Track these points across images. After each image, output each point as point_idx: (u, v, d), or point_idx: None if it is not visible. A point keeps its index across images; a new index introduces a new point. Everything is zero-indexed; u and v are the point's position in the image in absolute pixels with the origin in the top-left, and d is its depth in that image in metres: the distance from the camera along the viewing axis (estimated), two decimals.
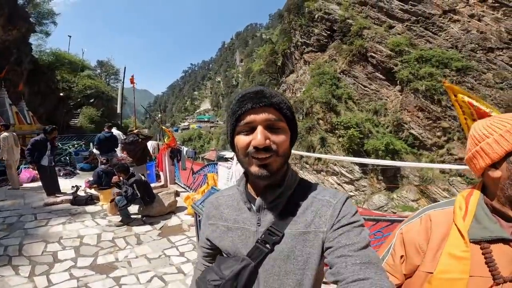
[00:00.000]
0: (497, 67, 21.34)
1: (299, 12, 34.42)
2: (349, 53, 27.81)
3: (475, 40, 22.46)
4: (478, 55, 22.13)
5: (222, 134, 66.39)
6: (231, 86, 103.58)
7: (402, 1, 26.55)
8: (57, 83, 22.08)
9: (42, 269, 3.63)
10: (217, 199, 1.00)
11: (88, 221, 5.34)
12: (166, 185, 7.64)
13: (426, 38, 25.26)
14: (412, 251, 0.95)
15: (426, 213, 0.98)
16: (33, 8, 23.35)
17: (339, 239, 0.76)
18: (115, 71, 34.44)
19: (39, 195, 6.72)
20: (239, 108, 0.80)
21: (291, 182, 0.88)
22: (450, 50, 23.32)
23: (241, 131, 0.81)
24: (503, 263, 0.81)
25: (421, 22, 25.53)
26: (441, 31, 24.58)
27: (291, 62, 36.51)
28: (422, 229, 0.95)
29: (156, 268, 3.76)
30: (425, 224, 0.95)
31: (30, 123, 12.41)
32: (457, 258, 0.84)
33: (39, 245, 4.25)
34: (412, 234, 0.97)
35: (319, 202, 0.84)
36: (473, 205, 0.90)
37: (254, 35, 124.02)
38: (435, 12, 24.67)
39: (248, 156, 0.79)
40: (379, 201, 21.87)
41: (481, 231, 0.85)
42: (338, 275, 0.70)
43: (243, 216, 0.90)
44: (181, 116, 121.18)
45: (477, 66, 21.75)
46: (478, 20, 22.76)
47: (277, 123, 0.79)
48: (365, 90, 27.22)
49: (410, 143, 23.71)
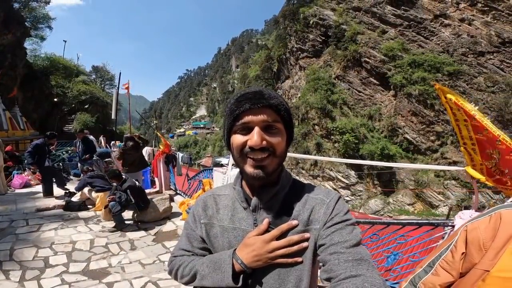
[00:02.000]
0: (488, 71, 21.71)
1: (294, 18, 34.88)
2: (343, 58, 28.14)
3: (466, 44, 22.87)
4: (469, 59, 22.51)
5: (218, 141, 66.33)
6: (227, 92, 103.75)
7: (394, 6, 27.05)
8: (51, 89, 21.97)
9: (33, 274, 3.56)
10: (212, 198, 0.98)
11: (81, 226, 5.26)
12: (161, 191, 7.59)
13: (418, 43, 25.69)
14: (474, 248, 0.93)
15: (497, 212, 0.96)
16: (29, 12, 23.30)
17: (332, 236, 0.77)
18: (111, 76, 34.21)
19: (31, 200, 6.63)
20: (237, 108, 0.80)
21: (285, 181, 0.89)
22: (442, 55, 23.74)
23: (238, 131, 0.81)
24: None
25: (413, 27, 25.99)
26: (433, 35, 25.02)
27: (287, 67, 36.81)
28: (490, 226, 0.94)
29: (150, 273, 3.70)
30: (494, 222, 0.94)
31: (24, 128, 12.31)
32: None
33: (30, 250, 4.18)
34: (478, 232, 0.95)
35: (313, 201, 0.85)
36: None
37: (250, 41, 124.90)
38: (426, 17, 25.14)
39: (243, 156, 0.80)
40: (375, 206, 21.94)
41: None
42: (331, 272, 0.71)
43: (238, 216, 0.89)
44: (177, 123, 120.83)
45: (469, 70, 22.12)
46: (468, 24, 23.22)
47: (274, 124, 0.80)
48: (359, 95, 27.49)
49: (404, 148, 23.94)
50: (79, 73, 27.11)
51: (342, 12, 30.22)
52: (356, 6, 29.69)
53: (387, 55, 25.27)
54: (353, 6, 29.96)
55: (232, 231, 0.88)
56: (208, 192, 1.03)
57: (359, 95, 27.50)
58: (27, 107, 16.72)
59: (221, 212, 0.93)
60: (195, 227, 0.96)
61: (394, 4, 27.08)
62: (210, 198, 0.98)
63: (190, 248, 0.96)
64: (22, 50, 18.46)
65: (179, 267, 0.94)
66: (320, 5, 32.49)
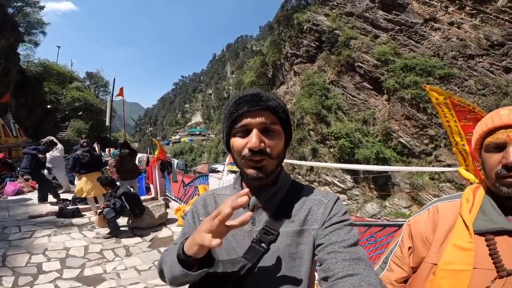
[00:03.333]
0: (478, 74, 22.10)
1: (289, 23, 35.27)
2: (337, 63, 28.45)
3: (456, 47, 23.28)
4: (459, 63, 22.91)
5: (214, 147, 66.16)
6: (222, 99, 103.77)
7: (386, 11, 27.52)
8: (44, 95, 21.80)
9: (26, 280, 3.52)
10: (212, 197, 0.98)
11: (75, 233, 5.19)
12: (156, 198, 7.55)
13: (410, 47, 26.11)
14: (419, 243, 0.95)
15: (434, 205, 0.99)
16: (23, 17, 23.17)
17: (330, 236, 0.78)
18: (105, 83, 33.99)
19: (23, 207, 6.56)
20: (236, 111, 0.81)
21: (284, 182, 0.90)
22: (433, 58, 24.13)
23: (237, 133, 0.82)
24: (508, 256, 0.80)
25: (404, 31, 26.43)
26: (423, 39, 25.46)
27: (281, 73, 37.09)
28: (429, 220, 0.96)
29: (146, 279, 3.66)
30: (432, 215, 0.96)
31: (17, 135, 12.18)
32: (461, 249, 0.84)
33: (23, 256, 4.12)
34: (419, 226, 0.97)
35: (311, 201, 0.86)
36: (479, 198, 0.91)
37: (244, 47, 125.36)
38: (417, 21, 25.60)
39: (243, 158, 0.81)
40: (372, 209, 22.00)
41: (486, 222, 0.85)
42: (328, 271, 0.71)
43: (237, 216, 0.88)
44: (172, 130, 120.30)
45: (459, 73, 22.48)
46: (457, 27, 23.67)
47: (272, 126, 0.81)
48: (353, 100, 27.75)
49: (399, 151, 24.13)
50: (73, 80, 26.98)
51: (335, 18, 30.64)
52: (349, 11, 30.15)
53: (379, 60, 25.61)
54: (346, 11, 30.42)
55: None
56: (208, 191, 1.03)
57: (353, 100, 27.76)
58: (20, 114, 16.55)
59: None
60: (193, 224, 0.95)
61: (385, 8, 27.56)
62: (210, 197, 0.98)
63: None
64: (16, 56, 18.33)
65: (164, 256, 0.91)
66: (314, 11, 32.93)
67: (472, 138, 0.95)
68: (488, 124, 0.87)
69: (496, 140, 0.84)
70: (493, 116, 0.88)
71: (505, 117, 0.84)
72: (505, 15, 21.59)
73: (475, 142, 0.93)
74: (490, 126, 0.86)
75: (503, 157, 0.82)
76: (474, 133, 0.94)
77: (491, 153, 0.86)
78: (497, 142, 0.84)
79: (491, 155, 0.85)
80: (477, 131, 0.91)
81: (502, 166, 0.82)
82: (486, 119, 0.90)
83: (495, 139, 0.85)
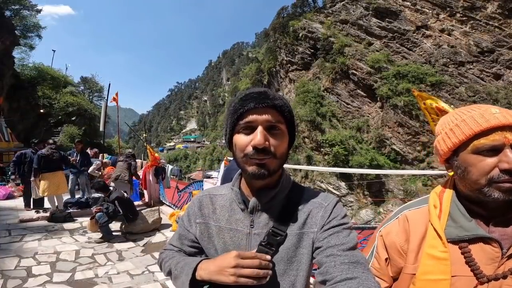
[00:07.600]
0: (468, 81, 22.52)
1: (284, 31, 35.70)
2: (332, 70, 28.78)
3: (447, 54, 23.74)
4: (450, 69, 23.34)
5: (209, 154, 65.91)
6: (217, 106, 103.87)
7: (379, 18, 28.04)
8: (38, 99, 21.51)
9: (14, 283, 3.45)
10: (208, 197, 0.96)
11: (66, 237, 5.10)
12: (150, 203, 7.50)
13: (402, 54, 26.57)
14: (395, 254, 0.92)
15: (402, 213, 0.95)
16: (19, 21, 23.01)
17: (329, 239, 0.77)
18: (99, 88, 33.58)
19: (14, 212, 6.45)
20: (241, 107, 0.79)
21: (285, 184, 0.88)
22: (425, 65, 24.56)
23: (241, 130, 0.80)
24: (485, 261, 0.78)
25: (397, 39, 26.92)
26: (416, 46, 25.95)
27: (277, 80, 37.37)
28: (400, 230, 0.92)
29: (139, 284, 3.60)
30: (403, 225, 0.92)
31: (9, 140, 12.01)
32: (436, 259, 0.81)
33: (12, 260, 4.04)
34: (392, 236, 0.93)
35: (311, 204, 0.85)
36: (446, 203, 0.88)
37: (240, 54, 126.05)
38: (409, 28, 26.11)
39: (246, 156, 0.79)
40: (366, 216, 22.07)
41: (458, 230, 0.82)
42: (327, 274, 0.70)
43: (235, 217, 0.88)
44: (167, 136, 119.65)
45: (450, 80, 22.89)
46: (448, 34, 24.18)
47: (277, 125, 0.80)
48: (348, 108, 28.02)
49: (392, 158, 24.36)
50: (67, 84, 26.67)
51: (330, 25, 31.13)
52: (344, 18, 30.67)
53: (373, 67, 25.99)
54: (341, 18, 30.94)
55: (228, 231, 0.87)
56: (204, 191, 1.01)
57: (347, 107, 28.03)
58: (12, 118, 16.33)
59: (217, 212, 0.91)
60: (189, 226, 0.94)
61: (379, 16, 28.11)
62: (206, 198, 0.96)
63: (179, 246, 0.94)
64: (11, 59, 18.17)
65: (162, 260, 0.94)
66: (309, 18, 33.43)
67: (448, 139, 0.85)
68: (481, 123, 0.77)
69: (492, 142, 0.75)
70: (484, 115, 0.78)
71: (501, 117, 0.76)
72: (494, 21, 22.15)
73: (454, 143, 0.82)
74: (485, 126, 0.76)
75: (499, 161, 0.74)
76: (453, 133, 0.83)
77: (483, 156, 0.77)
78: (493, 144, 0.75)
79: (483, 158, 0.77)
80: (464, 131, 0.79)
81: (501, 170, 0.74)
82: (474, 118, 0.79)
83: (490, 141, 0.75)
